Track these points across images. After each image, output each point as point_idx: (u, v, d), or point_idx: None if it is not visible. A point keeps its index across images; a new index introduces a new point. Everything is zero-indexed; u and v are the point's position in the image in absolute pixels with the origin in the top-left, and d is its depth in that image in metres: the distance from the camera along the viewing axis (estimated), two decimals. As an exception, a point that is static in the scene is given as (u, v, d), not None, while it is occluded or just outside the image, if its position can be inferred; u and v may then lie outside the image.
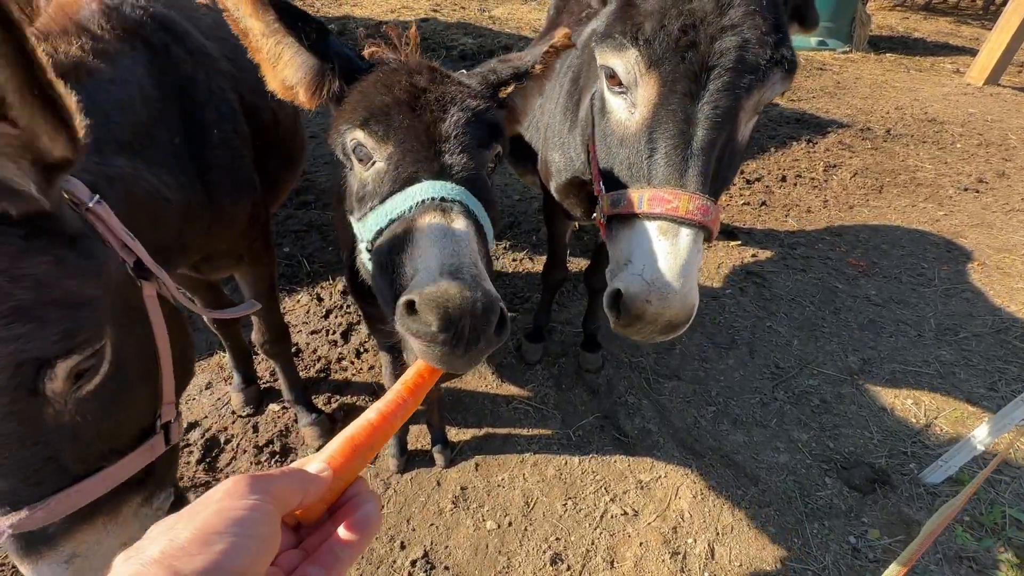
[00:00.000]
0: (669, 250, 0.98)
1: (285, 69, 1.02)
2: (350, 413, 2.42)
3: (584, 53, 1.70)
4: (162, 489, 1.04)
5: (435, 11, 9.69)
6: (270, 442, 2.26)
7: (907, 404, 2.55)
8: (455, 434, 2.37)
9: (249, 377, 2.41)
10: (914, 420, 2.46)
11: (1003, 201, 4.58)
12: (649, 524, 2.00)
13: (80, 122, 0.68)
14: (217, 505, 0.45)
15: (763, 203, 4.50)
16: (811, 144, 5.63)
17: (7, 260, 0.64)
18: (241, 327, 2.39)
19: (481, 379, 2.65)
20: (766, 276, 3.53)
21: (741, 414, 2.50)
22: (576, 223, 2.30)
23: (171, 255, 1.43)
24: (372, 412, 0.66)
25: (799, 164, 5.19)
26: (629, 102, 1.05)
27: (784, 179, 4.91)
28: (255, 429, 2.33)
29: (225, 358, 2.52)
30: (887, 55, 9.35)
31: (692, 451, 2.31)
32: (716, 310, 3.20)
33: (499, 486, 2.15)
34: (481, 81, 1.14)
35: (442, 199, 0.90)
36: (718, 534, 1.97)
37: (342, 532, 0.55)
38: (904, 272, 3.62)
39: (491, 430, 2.39)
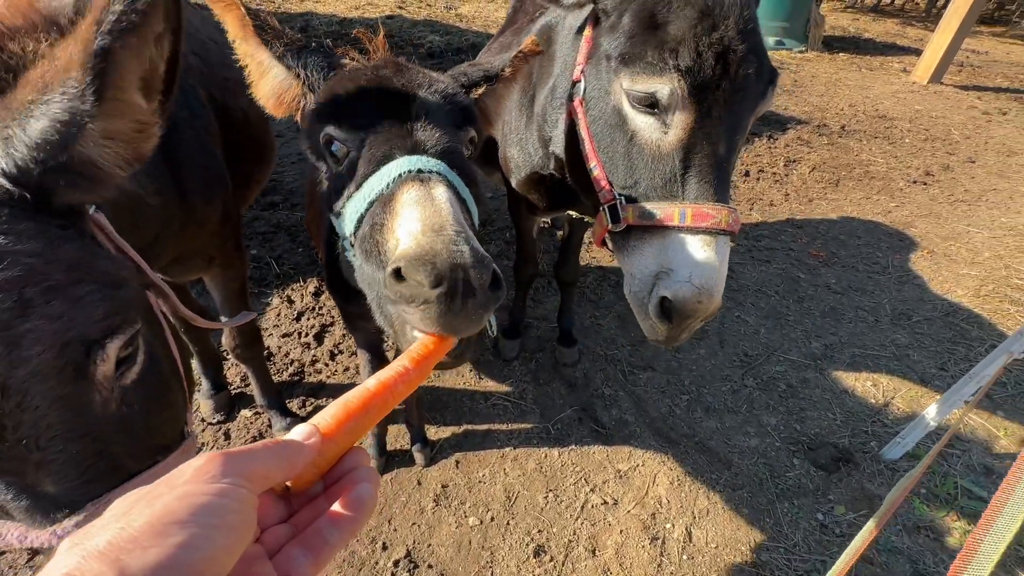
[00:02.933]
0: (714, 258, 1.07)
1: (268, 84, 1.06)
2: (326, 416, 2.38)
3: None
4: None
5: (400, 8, 9.57)
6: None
7: (867, 386, 2.68)
8: (435, 432, 2.36)
9: (219, 383, 2.34)
10: (873, 401, 2.59)
11: (948, 192, 4.86)
12: (629, 512, 2.04)
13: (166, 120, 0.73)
14: (183, 488, 0.40)
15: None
16: (772, 140, 5.83)
17: (42, 244, 0.64)
18: (210, 332, 2.32)
19: (459, 377, 2.65)
20: (734, 268, 3.64)
21: (713, 401, 2.58)
22: (542, 219, 2.32)
23: (147, 260, 1.39)
24: (372, 380, 0.64)
25: (761, 159, 5.37)
26: (662, 123, 1.09)
27: (748, 174, 5.07)
28: (227, 436, 2.26)
29: (193, 364, 2.44)
30: (840, 54, 9.75)
31: (668, 439, 2.37)
32: (687, 302, 3.29)
33: (480, 482, 2.15)
34: (452, 79, 1.16)
35: (419, 171, 0.89)
36: (695, 518, 2.03)
37: (335, 510, 0.51)
38: (861, 261, 3.80)
39: (471, 427, 2.39)
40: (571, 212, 2.20)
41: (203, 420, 2.30)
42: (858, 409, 2.54)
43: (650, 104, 1.08)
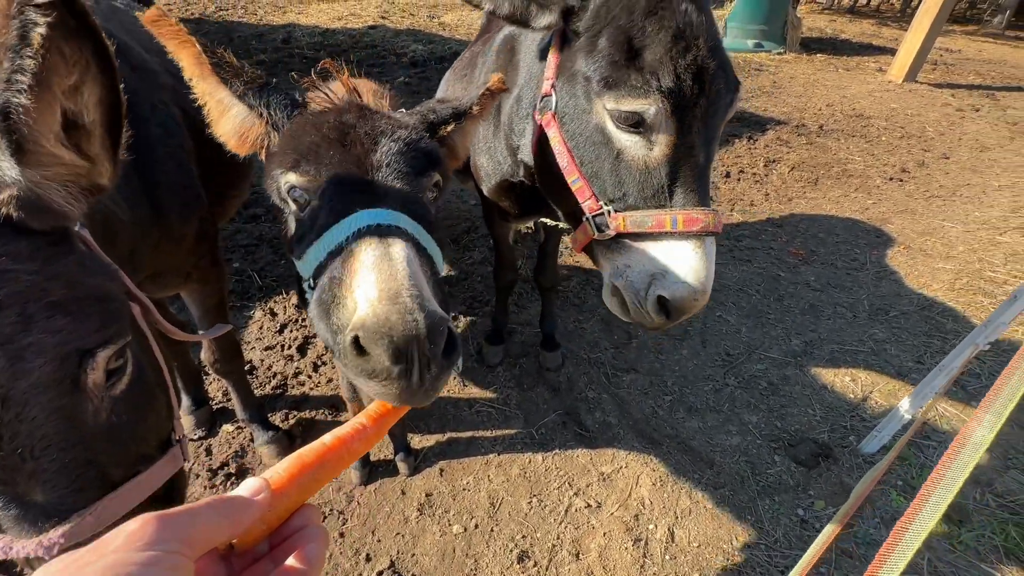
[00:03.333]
0: (705, 259, 1.17)
1: (228, 122, 1.07)
2: (309, 428, 2.38)
3: (498, 58, 1.77)
4: None
5: (384, 18, 9.62)
6: (224, 464, 2.19)
7: (845, 381, 2.72)
8: (419, 441, 2.36)
9: (200, 398, 2.33)
10: (852, 395, 2.63)
11: (924, 188, 4.95)
12: (612, 514, 2.05)
13: (123, 154, 0.74)
14: (111, 556, 0.37)
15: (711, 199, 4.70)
16: (752, 141, 5.92)
17: (40, 262, 0.68)
18: (190, 346, 2.31)
19: (443, 385, 2.65)
20: (716, 268, 3.68)
21: (696, 401, 2.61)
22: (518, 225, 2.35)
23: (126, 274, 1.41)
24: (329, 436, 0.65)
25: (742, 160, 5.45)
26: (647, 140, 1.16)
27: (728, 175, 5.14)
28: (208, 452, 2.25)
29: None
30: (818, 55, 9.93)
31: (651, 440, 2.39)
32: (669, 303, 3.32)
33: (464, 489, 2.16)
34: (420, 119, 1.17)
35: (378, 226, 0.89)
36: (677, 518, 2.05)
37: (281, 571, 0.49)
38: (839, 258, 3.86)
39: (455, 434, 2.40)
40: (544, 219, 2.23)
41: (184, 435, 2.28)
42: (837, 404, 2.58)
43: (635, 124, 1.14)
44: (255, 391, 2.52)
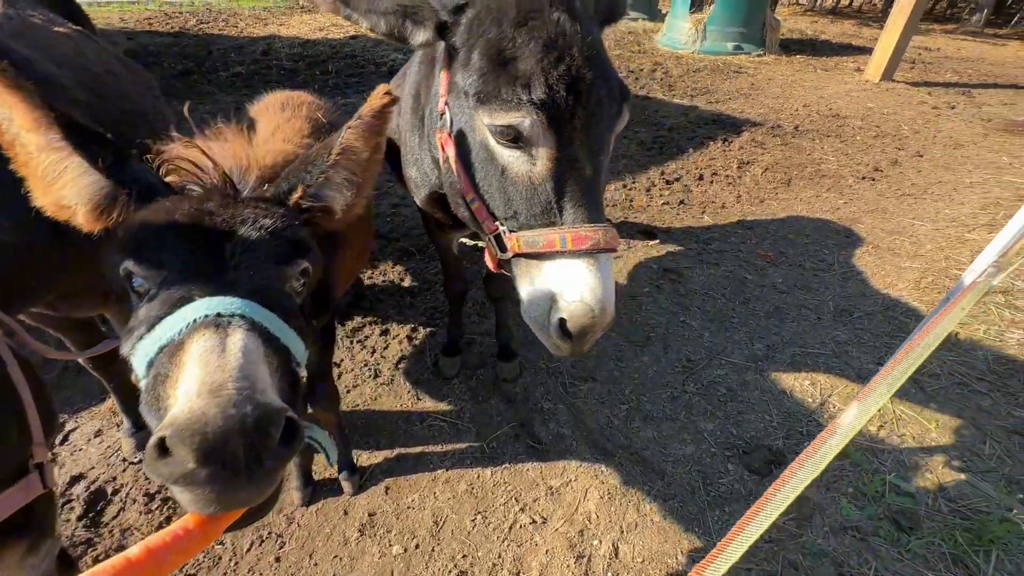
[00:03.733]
0: (598, 276, 1.12)
1: (65, 188, 0.91)
2: (254, 447, 2.32)
3: (420, 70, 1.73)
4: (45, 537, 1.06)
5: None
6: (164, 487, 2.13)
7: (805, 385, 2.68)
8: (367, 458, 2.31)
9: (140, 421, 2.27)
10: (810, 400, 2.59)
11: (896, 187, 4.94)
12: (556, 530, 2.00)
13: None
14: None
15: (681, 202, 4.68)
16: (727, 143, 5.91)
17: None
18: (129, 368, 2.26)
19: (396, 398, 2.61)
20: (682, 272, 3.66)
21: (652, 410, 2.56)
22: (457, 236, 2.31)
23: (10, 297, 1.36)
24: (136, 547, 0.57)
25: (715, 163, 5.44)
26: (528, 155, 1.12)
27: (701, 178, 5.12)
28: (148, 477, 2.19)
29: (112, 401, 2.37)
30: (797, 56, 9.98)
31: (603, 451, 2.34)
32: (633, 309, 3.28)
33: (409, 508, 2.10)
34: (282, 194, 1.05)
35: (218, 315, 0.80)
36: (623, 532, 1.99)
37: None
38: (807, 259, 3.83)
39: (404, 450, 2.35)
40: (464, 238, 2.20)
41: (124, 460, 2.23)
42: (795, 409, 2.54)
43: (513, 139, 1.10)
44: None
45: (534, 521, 2.04)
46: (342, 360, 2.83)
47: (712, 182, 5.06)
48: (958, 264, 3.64)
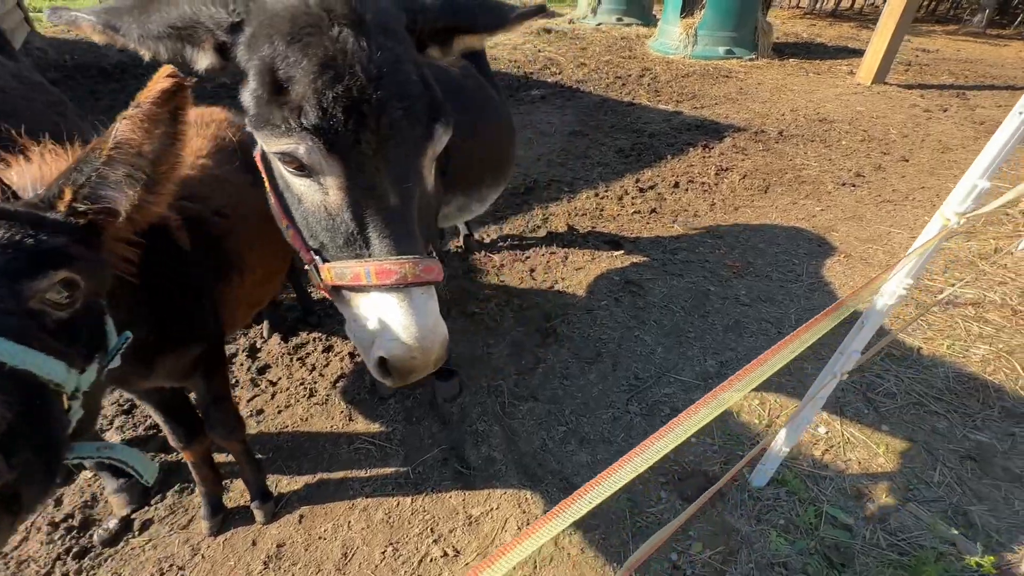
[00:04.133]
0: (410, 313, 1.03)
1: None
2: (174, 471, 2.25)
3: None
4: None
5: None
6: (70, 516, 2.07)
7: (753, 405, 2.56)
8: (287, 484, 2.23)
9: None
10: (757, 421, 2.47)
11: (876, 193, 4.79)
12: (467, 564, 1.90)
13: None
14: None
15: (653, 210, 4.57)
16: (707, 149, 5.79)
17: None
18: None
19: (328, 419, 2.53)
20: (644, 284, 3.55)
21: (590, 432, 2.45)
22: None
23: None
24: None
25: (693, 169, 5.32)
26: (318, 184, 1.03)
27: (677, 185, 5.01)
28: (58, 502, 2.13)
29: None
30: (790, 60, 9.83)
31: (532, 477, 2.24)
32: (588, 323, 3.18)
33: (320, 538, 2.01)
34: (49, 199, 0.95)
35: None
36: (536, 568, 1.88)
37: None
38: (776, 270, 3.70)
39: (326, 475, 2.26)
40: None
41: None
42: (739, 432, 2.41)
43: (299, 167, 1.00)
44: (125, 431, 2.42)
45: (446, 554, 1.94)
46: (279, 379, 2.76)
47: (687, 190, 4.95)
48: (930, 274, 3.49)
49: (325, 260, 1.09)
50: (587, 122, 6.57)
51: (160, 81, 0.93)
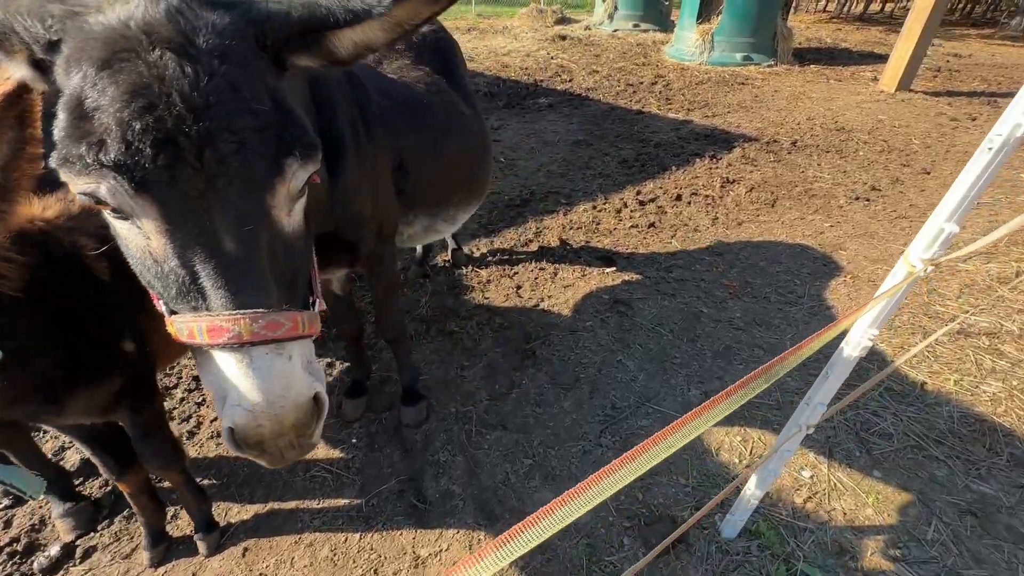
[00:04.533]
0: (250, 375, 0.90)
1: None
2: (123, 498, 2.20)
3: None
4: None
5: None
6: (15, 540, 2.03)
7: (735, 442, 2.38)
8: (236, 513, 2.16)
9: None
10: (737, 460, 2.29)
11: (891, 208, 4.52)
12: (406, 611, 1.79)
13: None
14: None
15: (651, 224, 4.40)
16: (714, 160, 5.59)
17: None
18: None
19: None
20: (633, 304, 3.39)
21: (557, 466, 2.32)
22: (329, 276, 2.14)
23: None
24: None
25: (698, 181, 5.14)
26: (137, 228, 0.90)
27: (679, 198, 4.83)
28: (6, 525, 2.10)
29: None
30: (811, 66, 9.51)
31: (490, 515, 2.11)
32: (569, 345, 3.05)
33: (261, 575, 1.93)
34: None
35: None
36: (478, 619, 1.76)
37: None
38: (775, 291, 3.50)
39: (278, 505, 2.18)
40: (342, 270, 2.03)
41: (-11, 505, 2.15)
42: (716, 472, 2.24)
43: (114, 208, 0.87)
44: (63, 456, 2.39)
45: (386, 599, 1.83)
46: (246, 398, 2.70)
47: (690, 203, 4.76)
48: (943, 299, 3.24)
49: (171, 312, 0.97)
50: (593, 131, 6.43)
51: (1, 84, 0.86)
